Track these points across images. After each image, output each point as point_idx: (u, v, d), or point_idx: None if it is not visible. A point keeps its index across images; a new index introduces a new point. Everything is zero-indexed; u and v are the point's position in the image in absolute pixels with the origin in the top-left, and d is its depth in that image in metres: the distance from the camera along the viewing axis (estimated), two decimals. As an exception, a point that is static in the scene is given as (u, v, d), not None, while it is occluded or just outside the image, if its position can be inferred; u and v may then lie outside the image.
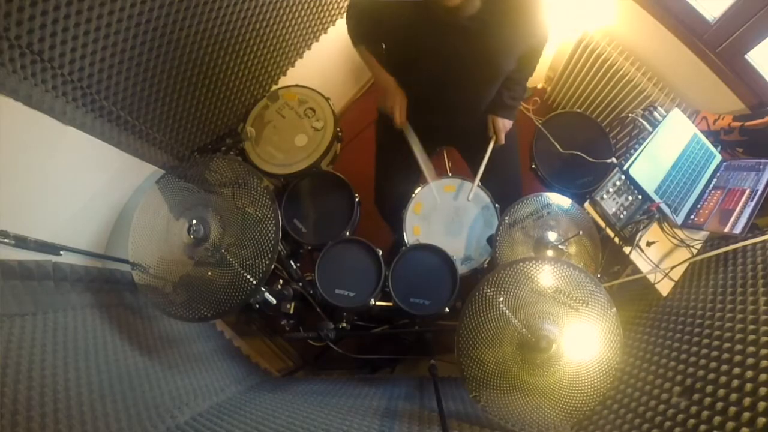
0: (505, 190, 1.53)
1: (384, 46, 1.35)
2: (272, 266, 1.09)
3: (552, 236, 1.30)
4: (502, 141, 1.48)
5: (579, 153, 1.61)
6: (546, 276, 1.02)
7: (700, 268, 1.31)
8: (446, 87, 1.29)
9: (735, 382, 0.87)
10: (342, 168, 1.61)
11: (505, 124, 1.47)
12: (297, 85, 1.63)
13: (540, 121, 1.67)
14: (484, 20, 1.12)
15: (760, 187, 1.31)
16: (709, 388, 0.90)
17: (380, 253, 1.40)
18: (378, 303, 1.38)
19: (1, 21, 0.78)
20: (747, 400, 0.82)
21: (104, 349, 1.02)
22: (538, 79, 2.21)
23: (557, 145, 1.62)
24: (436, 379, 1.25)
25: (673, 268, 1.30)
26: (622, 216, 1.35)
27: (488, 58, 1.22)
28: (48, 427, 0.74)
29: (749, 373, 0.86)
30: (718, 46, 1.46)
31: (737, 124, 1.46)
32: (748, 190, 1.33)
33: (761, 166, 1.38)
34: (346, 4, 1.73)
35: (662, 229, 1.36)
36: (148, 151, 1.29)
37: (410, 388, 1.46)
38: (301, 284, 1.40)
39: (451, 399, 1.28)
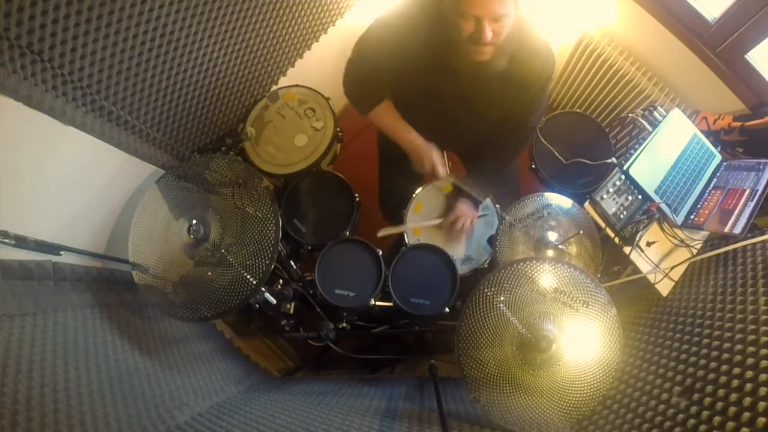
0: (504, 190, 1.53)
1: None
2: (272, 266, 1.09)
3: (552, 236, 1.30)
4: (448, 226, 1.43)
5: (581, 160, 1.60)
6: (546, 276, 1.02)
7: (700, 268, 1.31)
8: (446, 122, 1.29)
9: (735, 382, 0.87)
10: (342, 168, 1.61)
11: (463, 210, 1.40)
12: (297, 85, 1.63)
13: (540, 124, 1.67)
14: (503, 79, 1.14)
15: (760, 187, 1.31)
16: (709, 388, 0.90)
17: (380, 253, 1.40)
18: (378, 303, 1.38)
19: (1, 21, 0.78)
20: (747, 400, 0.82)
21: (104, 349, 1.02)
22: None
23: (560, 157, 1.62)
24: (436, 379, 1.25)
25: (673, 268, 1.30)
26: (622, 216, 1.35)
27: (487, 109, 1.25)
28: (48, 427, 0.74)
29: (749, 373, 0.86)
30: (718, 46, 1.46)
31: (737, 124, 1.46)
32: (748, 190, 1.33)
33: (761, 166, 1.38)
34: (346, 8, 1.74)
35: (662, 229, 1.36)
36: (148, 151, 1.29)
37: (410, 388, 1.46)
38: (301, 284, 1.40)
39: (451, 399, 1.28)
